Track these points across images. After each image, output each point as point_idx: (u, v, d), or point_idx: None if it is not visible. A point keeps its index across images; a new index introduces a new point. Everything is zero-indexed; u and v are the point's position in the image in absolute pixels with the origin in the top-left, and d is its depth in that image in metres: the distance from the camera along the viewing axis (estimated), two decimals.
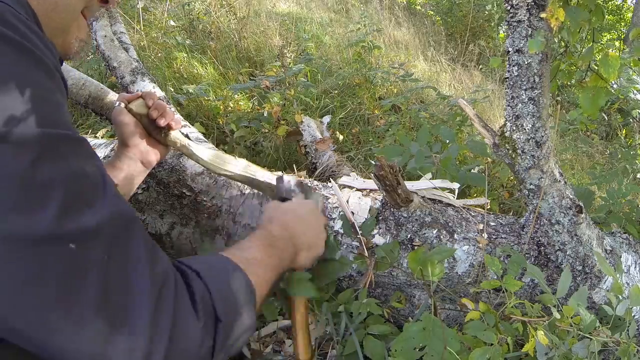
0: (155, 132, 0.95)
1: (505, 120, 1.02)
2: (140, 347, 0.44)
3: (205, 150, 1.09)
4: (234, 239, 1.17)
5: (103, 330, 0.42)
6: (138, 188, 1.20)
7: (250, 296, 0.61)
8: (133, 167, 0.93)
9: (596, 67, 1.06)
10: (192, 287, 0.52)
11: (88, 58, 2.81)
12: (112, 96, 1.70)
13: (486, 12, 5.88)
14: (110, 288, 0.44)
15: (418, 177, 1.29)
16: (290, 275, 0.83)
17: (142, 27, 3.26)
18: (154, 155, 0.97)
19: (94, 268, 0.43)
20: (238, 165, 1.08)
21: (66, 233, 0.42)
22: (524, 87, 0.97)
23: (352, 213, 1.11)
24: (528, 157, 1.00)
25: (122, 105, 0.91)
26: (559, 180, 1.03)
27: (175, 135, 0.99)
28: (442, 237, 1.07)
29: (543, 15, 0.90)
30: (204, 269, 0.56)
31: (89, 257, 0.43)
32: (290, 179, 0.98)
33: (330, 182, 1.21)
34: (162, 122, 0.92)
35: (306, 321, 0.87)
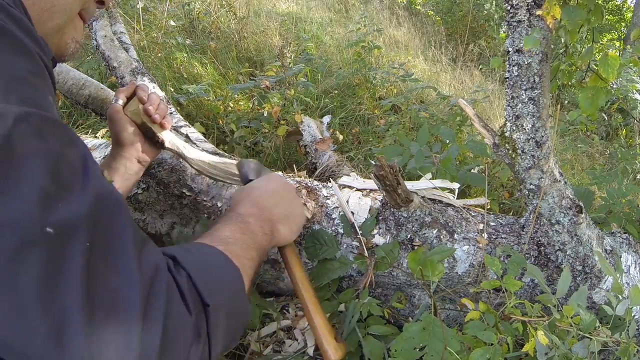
0: (151, 134, 0.95)
1: (505, 120, 1.02)
2: (133, 345, 0.40)
3: (204, 156, 1.10)
4: None
5: (89, 330, 0.37)
6: (138, 188, 1.20)
7: (235, 276, 0.58)
8: (129, 166, 0.93)
9: (596, 67, 1.06)
10: (173, 276, 0.48)
11: (88, 58, 2.81)
12: (113, 96, 1.70)
13: (486, 12, 5.88)
14: (95, 282, 0.39)
15: (418, 177, 1.29)
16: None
17: (142, 27, 3.26)
18: (150, 153, 0.97)
19: (77, 260, 0.38)
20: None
21: (43, 218, 0.38)
22: (524, 87, 0.97)
23: (352, 213, 1.11)
24: (528, 157, 1.00)
25: (120, 102, 0.91)
26: (559, 180, 1.03)
27: (171, 141, 1.00)
28: (442, 237, 1.07)
29: (539, 12, 0.90)
30: (180, 253, 0.52)
31: (70, 247, 0.38)
32: (250, 162, 0.95)
33: (330, 182, 1.21)
34: (157, 118, 0.92)
35: (303, 271, 0.86)
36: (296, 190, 0.90)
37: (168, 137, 0.99)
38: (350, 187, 1.20)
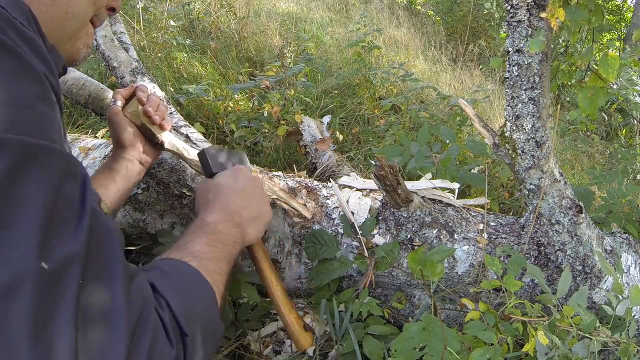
0: (150, 136, 0.94)
1: (505, 120, 1.02)
2: None
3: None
4: None
5: None
6: (138, 188, 1.20)
7: (210, 296, 0.58)
8: (130, 168, 0.92)
9: (596, 67, 1.06)
10: (157, 311, 0.49)
11: (88, 58, 2.81)
12: (111, 97, 1.70)
13: (486, 12, 5.88)
14: (87, 318, 0.40)
15: (418, 177, 1.29)
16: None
17: (142, 27, 3.26)
18: (151, 154, 0.97)
19: (69, 296, 0.39)
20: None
21: (39, 254, 0.38)
22: (524, 87, 0.97)
23: (352, 213, 1.11)
24: (528, 157, 1.00)
25: (119, 103, 0.91)
26: (559, 180, 1.03)
27: (171, 142, 0.99)
28: (442, 237, 1.07)
29: (543, 15, 0.90)
30: (158, 279, 0.53)
31: (64, 283, 0.39)
32: (212, 149, 0.91)
33: (330, 182, 1.21)
34: (157, 120, 0.92)
35: (270, 265, 0.86)
36: (260, 181, 0.88)
37: (168, 138, 0.98)
38: (350, 187, 1.20)
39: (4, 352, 0.36)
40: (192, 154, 1.06)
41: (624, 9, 8.39)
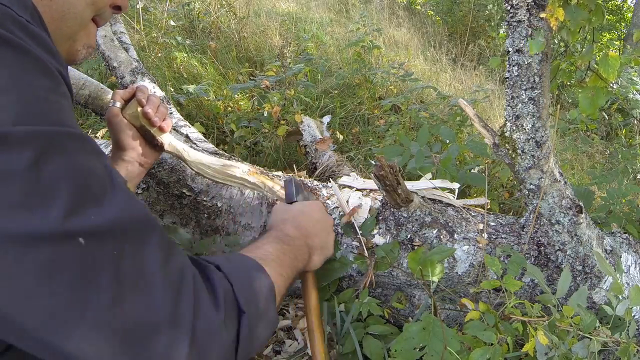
0: (150, 137, 0.94)
1: (505, 120, 1.02)
2: (162, 345, 0.43)
3: (204, 158, 1.10)
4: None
5: (120, 331, 0.41)
6: (138, 188, 1.20)
7: (270, 290, 0.61)
8: (131, 169, 0.92)
9: (596, 67, 1.06)
10: (212, 280, 0.52)
11: (89, 57, 2.81)
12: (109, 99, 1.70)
13: (486, 12, 5.88)
14: (125, 287, 0.42)
15: (418, 177, 1.29)
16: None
17: (142, 27, 3.26)
18: (151, 156, 0.96)
19: (107, 267, 0.42)
20: (240, 169, 1.09)
21: (74, 231, 0.40)
22: (524, 87, 0.97)
23: None
24: (528, 157, 1.00)
25: (118, 105, 0.90)
26: (559, 180, 1.03)
27: (171, 144, 0.99)
28: (442, 237, 1.07)
29: (543, 15, 0.90)
30: (223, 262, 0.56)
31: (100, 256, 0.42)
32: (295, 181, 0.99)
33: (330, 182, 1.21)
34: (157, 122, 0.91)
35: (317, 298, 0.90)
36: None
37: (167, 140, 0.98)
38: (350, 187, 1.20)
39: (53, 324, 0.39)
40: (191, 155, 1.07)
41: (624, 9, 8.39)
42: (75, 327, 0.39)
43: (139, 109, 0.89)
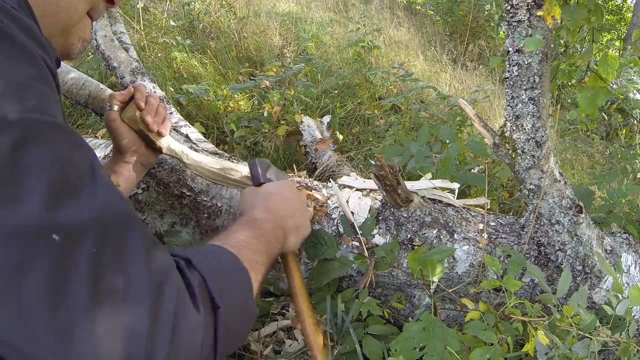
0: (148, 140, 0.94)
1: (505, 120, 1.02)
2: (141, 348, 0.40)
3: (203, 160, 1.10)
4: None
5: (97, 334, 0.38)
6: (138, 188, 1.20)
7: (245, 279, 0.58)
8: (132, 169, 0.92)
9: (595, 67, 1.06)
10: (186, 277, 0.49)
11: (88, 58, 2.81)
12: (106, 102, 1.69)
13: (486, 12, 5.88)
14: (103, 286, 0.39)
15: (418, 177, 1.29)
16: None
17: (142, 27, 3.26)
18: (151, 157, 0.97)
19: (83, 264, 0.39)
20: (239, 172, 1.10)
21: (50, 224, 0.38)
22: (524, 87, 0.97)
23: (352, 213, 1.11)
24: (528, 157, 1.00)
25: (116, 108, 0.89)
26: (559, 180, 1.03)
27: (170, 147, 0.99)
28: (442, 237, 1.07)
29: (539, 13, 0.90)
30: (195, 255, 0.53)
31: (77, 252, 0.39)
32: (263, 161, 0.95)
33: (330, 182, 1.21)
34: (155, 127, 0.90)
35: (301, 277, 0.88)
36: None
37: (166, 143, 0.98)
38: (350, 187, 1.20)
39: (24, 325, 0.36)
40: (191, 157, 1.07)
41: (624, 9, 8.39)
42: (47, 334, 0.36)
43: (137, 113, 0.88)
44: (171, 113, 1.55)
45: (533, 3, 0.92)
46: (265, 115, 2.37)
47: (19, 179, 0.38)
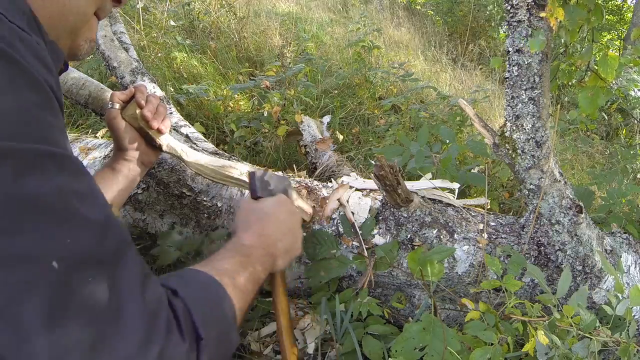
0: (149, 138, 0.94)
1: (505, 120, 1.02)
2: None
3: (203, 158, 1.10)
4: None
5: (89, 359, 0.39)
6: (138, 188, 1.20)
7: (230, 310, 0.59)
8: (132, 168, 0.93)
9: (595, 67, 1.06)
10: (173, 307, 0.50)
11: (88, 58, 2.81)
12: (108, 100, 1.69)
13: (487, 12, 5.88)
14: (99, 313, 0.41)
15: (418, 177, 1.29)
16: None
17: (142, 27, 3.26)
18: (152, 155, 0.97)
19: (81, 292, 0.40)
20: (238, 170, 1.09)
21: (50, 253, 0.39)
22: (524, 87, 0.97)
23: (352, 213, 1.11)
24: (528, 157, 1.00)
25: (117, 106, 0.90)
26: (559, 180, 1.03)
27: (169, 145, 0.99)
28: (442, 237, 1.07)
29: (542, 14, 0.90)
30: (179, 284, 0.54)
31: (75, 280, 0.40)
32: (263, 174, 0.93)
33: (330, 182, 1.21)
34: (155, 124, 0.91)
35: (285, 296, 0.89)
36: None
37: (166, 141, 0.98)
38: (350, 187, 1.20)
39: (20, 350, 0.37)
40: (190, 155, 1.07)
41: (624, 9, 8.39)
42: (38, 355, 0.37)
43: (138, 110, 0.89)
44: (171, 113, 1.55)
45: (533, 3, 0.92)
46: (265, 115, 2.37)
47: (24, 212, 0.39)
